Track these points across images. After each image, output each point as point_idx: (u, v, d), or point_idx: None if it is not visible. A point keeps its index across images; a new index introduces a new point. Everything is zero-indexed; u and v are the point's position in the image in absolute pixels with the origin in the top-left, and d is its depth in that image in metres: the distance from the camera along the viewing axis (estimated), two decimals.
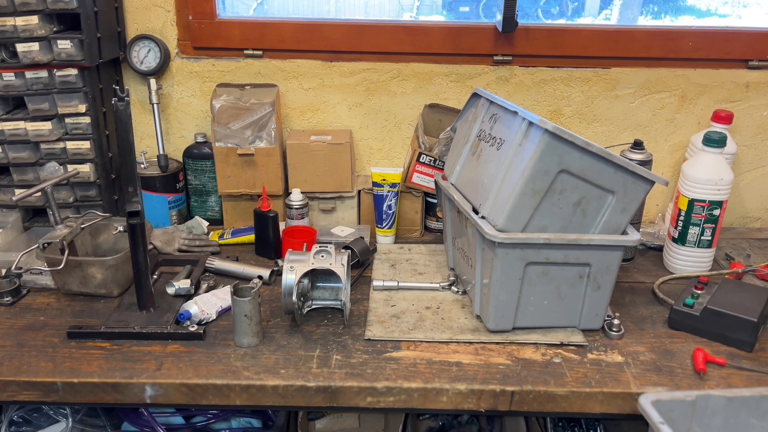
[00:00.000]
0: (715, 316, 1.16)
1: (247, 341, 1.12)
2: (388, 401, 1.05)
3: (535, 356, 1.12)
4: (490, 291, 1.13)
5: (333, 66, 1.62)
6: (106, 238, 1.38)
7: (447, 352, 1.13)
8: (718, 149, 1.33)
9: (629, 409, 1.04)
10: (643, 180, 1.10)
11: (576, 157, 1.06)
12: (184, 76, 1.63)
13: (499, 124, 1.19)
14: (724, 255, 1.51)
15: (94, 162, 1.47)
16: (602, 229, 1.12)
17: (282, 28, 1.59)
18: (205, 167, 1.61)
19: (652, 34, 1.58)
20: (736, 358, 1.13)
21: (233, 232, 1.55)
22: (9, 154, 1.44)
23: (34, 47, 1.36)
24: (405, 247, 1.53)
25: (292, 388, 1.04)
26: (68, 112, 1.43)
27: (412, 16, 2.16)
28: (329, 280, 1.28)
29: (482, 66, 1.62)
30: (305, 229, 1.47)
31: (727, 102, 1.63)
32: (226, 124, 1.51)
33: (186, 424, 1.33)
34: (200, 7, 1.57)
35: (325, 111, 1.67)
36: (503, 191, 1.10)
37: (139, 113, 1.66)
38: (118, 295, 1.28)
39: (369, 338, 1.16)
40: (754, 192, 1.71)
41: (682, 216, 1.38)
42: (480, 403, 1.05)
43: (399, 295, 1.31)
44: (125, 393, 1.04)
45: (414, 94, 1.65)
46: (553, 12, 2.03)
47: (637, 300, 1.32)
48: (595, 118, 1.66)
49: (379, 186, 1.50)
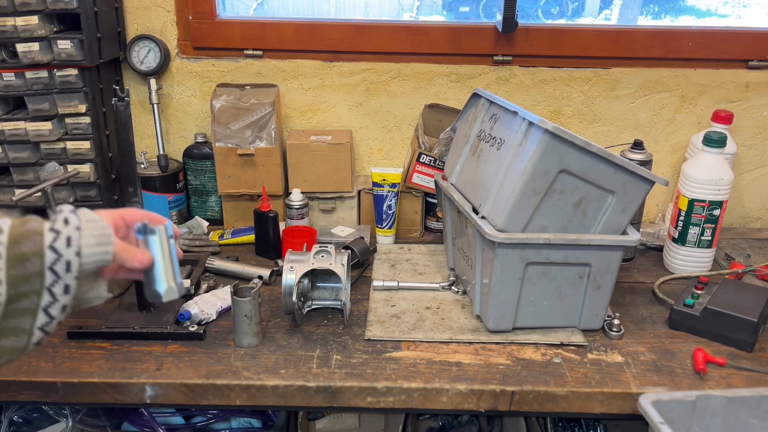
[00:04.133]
0: (715, 316, 1.16)
1: (247, 341, 1.12)
2: (388, 401, 1.05)
3: (535, 356, 1.12)
4: (490, 291, 1.13)
5: (333, 66, 1.62)
6: None
7: (447, 352, 1.13)
8: (718, 149, 1.33)
9: (629, 409, 1.05)
10: (643, 180, 1.10)
11: (576, 157, 1.06)
12: (184, 76, 1.63)
13: (499, 124, 1.19)
14: (724, 255, 1.51)
15: (94, 162, 1.47)
16: (602, 229, 1.12)
17: (282, 28, 1.59)
18: (205, 167, 1.61)
19: (652, 34, 1.58)
20: (736, 358, 1.13)
21: (233, 232, 1.55)
22: (9, 154, 1.44)
23: (34, 47, 1.36)
24: (405, 247, 1.53)
25: (292, 388, 1.04)
26: (68, 112, 1.43)
27: (412, 16, 2.16)
28: (329, 280, 1.28)
29: (482, 66, 1.62)
30: (305, 229, 1.47)
31: (727, 102, 1.63)
32: (226, 124, 1.51)
33: (186, 424, 1.33)
34: (200, 7, 1.57)
35: (325, 111, 1.67)
36: (503, 191, 1.10)
37: (139, 113, 1.66)
38: (118, 295, 1.28)
39: (369, 338, 1.16)
40: (754, 192, 1.71)
41: (682, 216, 1.38)
42: (480, 403, 1.05)
43: (399, 295, 1.31)
44: (125, 393, 1.04)
45: (414, 94, 1.65)
46: (553, 12, 2.03)
47: (637, 300, 1.32)
48: (595, 118, 1.66)
49: (379, 186, 1.50)
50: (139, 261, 0.86)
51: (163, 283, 0.88)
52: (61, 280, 0.79)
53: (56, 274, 0.78)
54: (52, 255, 0.78)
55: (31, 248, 0.78)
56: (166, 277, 0.88)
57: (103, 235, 0.82)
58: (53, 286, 0.78)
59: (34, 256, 0.78)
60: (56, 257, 0.78)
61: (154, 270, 0.87)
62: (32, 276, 0.78)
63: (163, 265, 0.88)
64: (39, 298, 0.78)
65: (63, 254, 0.79)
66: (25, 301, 0.78)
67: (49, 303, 0.79)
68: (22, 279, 0.77)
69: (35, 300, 0.78)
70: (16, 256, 0.77)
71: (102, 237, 0.82)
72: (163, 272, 0.88)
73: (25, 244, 0.78)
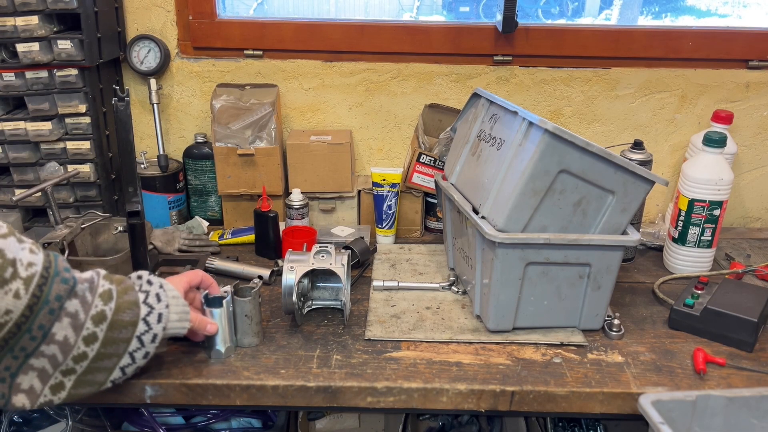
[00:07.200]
0: (715, 316, 1.16)
1: (247, 341, 1.12)
2: (388, 401, 1.05)
3: (535, 356, 1.12)
4: (490, 291, 1.13)
5: (333, 66, 1.62)
6: (106, 238, 1.38)
7: (447, 352, 1.13)
8: (718, 149, 1.33)
9: (629, 409, 1.04)
10: (643, 180, 1.10)
11: (576, 158, 1.06)
12: (184, 76, 1.63)
13: (499, 124, 1.19)
14: (725, 255, 1.51)
15: (94, 162, 1.47)
16: (602, 229, 1.12)
17: (282, 28, 1.59)
18: (205, 167, 1.61)
19: (652, 34, 1.58)
20: (736, 358, 1.13)
21: (233, 232, 1.55)
22: (9, 154, 1.44)
23: (34, 47, 1.36)
24: (405, 247, 1.53)
25: (292, 388, 1.04)
26: (68, 112, 1.43)
27: (412, 16, 2.16)
28: (329, 280, 1.28)
29: (482, 66, 1.62)
30: (305, 229, 1.47)
31: (727, 102, 1.63)
32: (226, 124, 1.51)
33: (186, 424, 1.33)
34: (200, 7, 1.57)
35: (325, 111, 1.67)
36: (503, 191, 1.10)
37: (139, 113, 1.66)
38: None
39: (369, 338, 1.16)
40: (754, 192, 1.71)
41: (682, 216, 1.38)
42: (480, 403, 1.05)
43: (399, 295, 1.31)
44: (125, 393, 1.04)
45: (414, 94, 1.65)
46: (553, 12, 2.03)
47: (637, 300, 1.32)
48: (595, 118, 1.66)
49: (379, 186, 1.50)
50: (209, 331, 1.05)
51: (223, 345, 1.08)
52: (144, 348, 0.94)
53: (142, 343, 0.93)
54: (143, 326, 0.93)
55: (129, 318, 0.91)
56: (224, 340, 1.08)
57: (184, 312, 0.99)
58: (136, 352, 0.93)
59: (131, 325, 0.92)
60: (146, 329, 0.93)
61: (215, 335, 1.07)
62: (122, 341, 0.91)
63: (224, 331, 1.07)
64: (119, 359, 0.92)
65: (153, 328, 0.94)
66: (107, 361, 0.91)
67: (128, 364, 0.94)
68: (113, 342, 0.90)
69: (115, 361, 0.92)
70: (117, 323, 0.90)
71: (183, 314, 0.99)
72: (223, 337, 1.08)
73: (127, 314, 0.91)
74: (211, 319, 1.06)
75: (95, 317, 0.87)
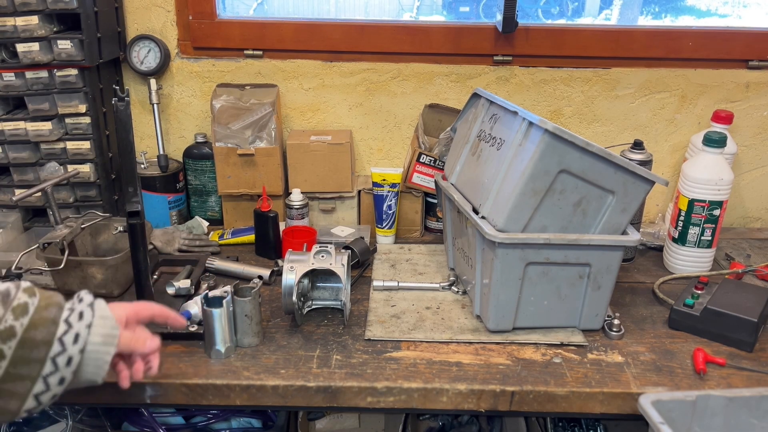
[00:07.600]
0: (715, 316, 1.16)
1: (247, 341, 1.12)
2: (388, 401, 1.05)
3: (535, 356, 1.12)
4: (490, 291, 1.13)
5: (333, 66, 1.62)
6: (106, 238, 1.38)
7: (447, 352, 1.13)
8: (718, 149, 1.33)
9: (629, 409, 1.04)
10: (643, 180, 1.10)
11: (576, 158, 1.06)
12: (184, 76, 1.63)
13: (499, 124, 1.19)
14: (725, 255, 1.51)
15: (94, 162, 1.47)
16: (602, 229, 1.12)
17: (282, 28, 1.59)
18: (205, 167, 1.61)
19: (652, 34, 1.58)
20: (736, 358, 1.13)
21: (233, 232, 1.55)
22: (9, 154, 1.44)
23: (34, 47, 1.36)
24: (405, 247, 1.53)
25: (292, 388, 1.04)
26: (68, 112, 1.43)
27: (412, 16, 2.16)
28: (329, 280, 1.28)
29: (482, 66, 1.62)
30: (305, 229, 1.47)
31: (727, 102, 1.63)
32: (226, 124, 1.51)
33: (186, 424, 1.33)
34: (200, 7, 1.57)
35: (325, 111, 1.67)
36: (503, 191, 1.10)
37: (139, 113, 1.66)
38: (118, 295, 1.28)
39: (369, 338, 1.16)
40: (754, 192, 1.71)
41: (682, 216, 1.38)
42: (480, 403, 1.05)
43: (399, 295, 1.31)
44: (125, 393, 1.04)
45: (414, 94, 1.65)
46: (553, 12, 2.03)
47: (637, 300, 1.32)
48: (595, 118, 1.66)
49: (379, 186, 1.50)
50: (149, 347, 0.93)
51: (223, 345, 1.09)
52: (58, 372, 0.81)
53: (56, 366, 0.80)
54: (58, 347, 0.80)
55: (42, 336, 0.80)
56: (224, 340, 1.08)
57: (110, 336, 0.85)
58: (50, 376, 0.80)
59: (44, 344, 0.79)
60: (61, 350, 0.80)
61: (215, 335, 1.07)
62: (35, 361, 0.79)
63: (223, 330, 1.07)
64: (33, 384, 0.80)
65: (67, 349, 0.81)
66: (19, 384, 0.78)
67: (41, 391, 0.80)
68: (24, 361, 0.78)
69: (28, 385, 0.79)
70: (28, 340, 0.78)
71: (108, 337, 0.85)
72: (222, 336, 1.08)
73: (40, 331, 0.79)
74: (183, 319, 1.00)
75: (2, 333, 0.76)
